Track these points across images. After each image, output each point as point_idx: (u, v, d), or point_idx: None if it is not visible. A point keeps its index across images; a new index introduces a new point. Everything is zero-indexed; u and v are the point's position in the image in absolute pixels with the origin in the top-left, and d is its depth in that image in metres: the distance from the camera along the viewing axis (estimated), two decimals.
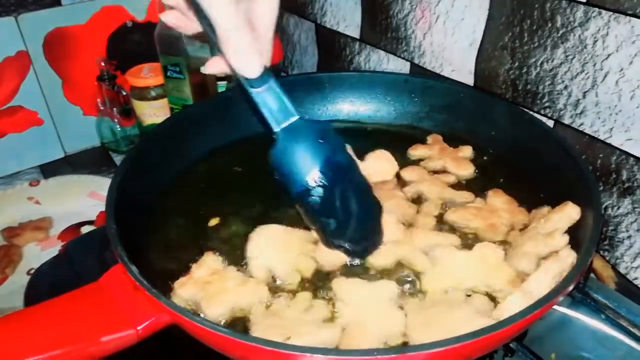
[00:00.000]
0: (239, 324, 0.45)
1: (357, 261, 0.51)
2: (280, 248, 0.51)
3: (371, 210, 0.51)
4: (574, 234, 0.50)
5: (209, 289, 0.46)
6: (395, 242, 0.52)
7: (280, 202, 0.59)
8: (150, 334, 0.41)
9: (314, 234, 0.53)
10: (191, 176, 0.65)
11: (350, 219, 0.49)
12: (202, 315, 0.45)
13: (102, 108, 1.00)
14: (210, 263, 0.49)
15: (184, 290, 0.46)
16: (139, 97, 0.96)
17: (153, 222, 0.57)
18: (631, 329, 0.51)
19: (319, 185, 0.46)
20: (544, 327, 0.55)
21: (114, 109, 0.99)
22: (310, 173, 0.46)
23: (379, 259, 0.51)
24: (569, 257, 0.45)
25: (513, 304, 0.43)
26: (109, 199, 0.49)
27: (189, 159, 0.66)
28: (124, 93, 0.99)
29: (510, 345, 0.49)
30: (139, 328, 0.40)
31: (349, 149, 0.53)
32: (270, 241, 0.52)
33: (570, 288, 0.42)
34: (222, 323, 0.45)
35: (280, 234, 0.53)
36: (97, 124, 1.02)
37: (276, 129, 0.46)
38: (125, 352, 0.42)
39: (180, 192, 0.62)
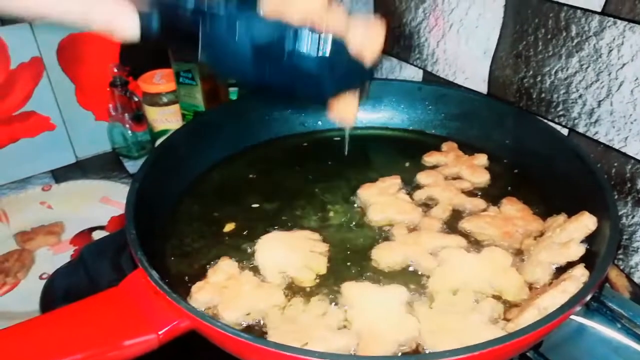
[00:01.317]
0: (255, 329, 0.45)
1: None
2: (287, 250, 0.52)
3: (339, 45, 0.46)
4: (590, 244, 0.50)
5: (225, 294, 0.46)
6: (402, 243, 0.53)
7: (292, 207, 0.60)
8: (171, 338, 0.41)
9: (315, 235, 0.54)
10: (206, 182, 0.65)
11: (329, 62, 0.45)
12: (219, 319, 0.45)
13: (114, 114, 1.00)
14: (225, 268, 0.49)
15: (202, 295, 0.46)
16: (151, 103, 0.96)
17: (169, 228, 0.57)
18: None
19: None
20: (559, 336, 0.54)
21: (126, 114, 1.00)
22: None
23: (385, 257, 0.51)
24: (583, 277, 0.45)
25: (528, 321, 0.43)
26: (129, 205, 0.49)
27: (204, 166, 0.67)
28: (136, 99, 0.99)
29: (527, 354, 0.49)
30: (160, 333, 0.40)
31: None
32: (276, 247, 0.52)
33: (587, 298, 0.42)
34: (238, 327, 0.45)
35: (283, 238, 0.54)
36: (109, 130, 1.02)
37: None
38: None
39: (196, 198, 0.62)
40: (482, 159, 0.66)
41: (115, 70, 0.97)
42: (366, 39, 0.48)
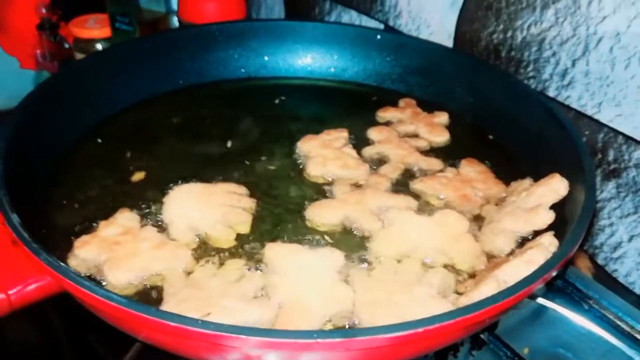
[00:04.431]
0: (151, 295, 0.38)
1: None
2: (203, 205, 0.45)
3: None
4: (559, 211, 0.44)
5: (116, 251, 0.38)
6: (342, 201, 0.47)
7: (220, 157, 0.54)
8: (27, 302, 0.33)
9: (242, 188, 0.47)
10: (120, 124, 0.58)
11: None
12: (104, 281, 0.37)
13: (41, 61, 0.91)
14: (122, 221, 0.42)
15: (85, 251, 0.38)
16: (83, 50, 0.87)
17: (64, 172, 0.49)
18: (618, 322, 0.45)
19: None
20: (517, 318, 0.49)
21: (55, 62, 0.90)
22: None
23: (321, 216, 0.45)
24: (551, 246, 0.40)
25: (484, 295, 0.37)
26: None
27: (120, 104, 0.59)
28: (67, 46, 0.90)
29: (481, 336, 0.43)
30: (10, 292, 0.31)
31: None
32: (191, 200, 0.45)
33: (555, 272, 0.37)
34: (130, 293, 0.37)
35: (200, 190, 0.47)
36: (36, 79, 0.93)
37: None
38: None
39: (104, 140, 0.55)
40: (442, 117, 0.61)
41: (44, 10, 0.86)
42: None
